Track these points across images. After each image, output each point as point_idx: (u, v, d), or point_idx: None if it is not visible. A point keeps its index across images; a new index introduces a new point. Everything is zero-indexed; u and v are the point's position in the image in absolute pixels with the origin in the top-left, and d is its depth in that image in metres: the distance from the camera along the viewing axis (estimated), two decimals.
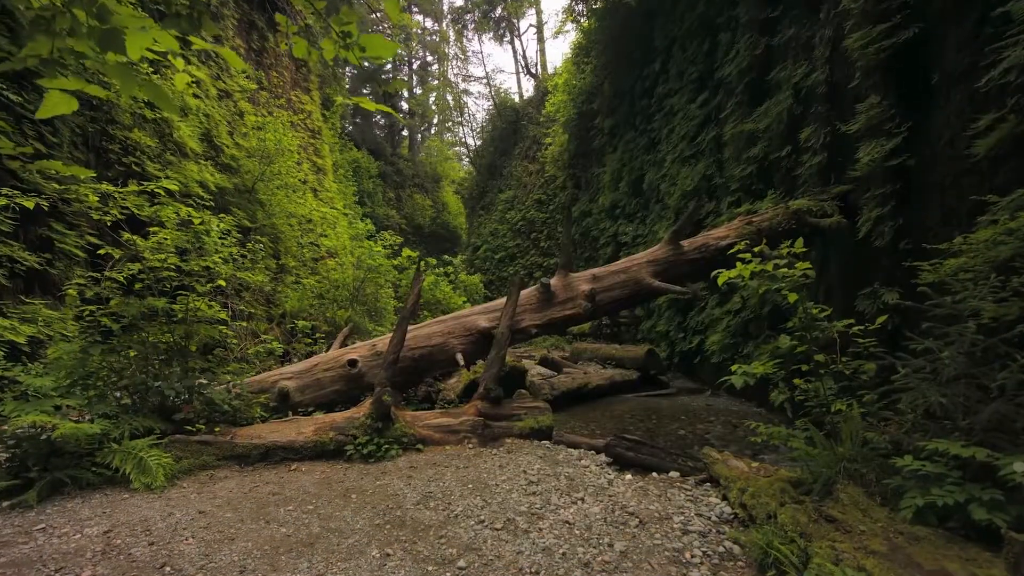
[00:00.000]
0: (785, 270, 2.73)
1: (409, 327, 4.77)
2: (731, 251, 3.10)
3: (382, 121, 40.39)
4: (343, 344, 5.40)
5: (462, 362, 4.45)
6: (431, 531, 2.59)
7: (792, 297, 2.74)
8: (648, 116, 13.15)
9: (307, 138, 17.32)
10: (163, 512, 2.85)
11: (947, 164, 4.54)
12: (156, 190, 4.23)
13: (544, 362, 9.71)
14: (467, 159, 41.75)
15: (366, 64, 42.06)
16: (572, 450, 3.98)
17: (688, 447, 4.96)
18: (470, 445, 3.97)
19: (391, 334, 4.34)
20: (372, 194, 33.85)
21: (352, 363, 4.48)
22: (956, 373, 2.16)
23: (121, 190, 4.30)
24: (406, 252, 9.51)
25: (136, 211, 4.35)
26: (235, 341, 7.08)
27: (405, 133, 43.39)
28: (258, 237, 9.27)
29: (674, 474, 3.48)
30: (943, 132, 4.60)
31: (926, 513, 1.97)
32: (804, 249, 3.32)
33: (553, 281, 4.95)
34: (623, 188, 14.27)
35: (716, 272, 2.95)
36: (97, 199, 4.27)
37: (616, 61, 14.74)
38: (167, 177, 8.30)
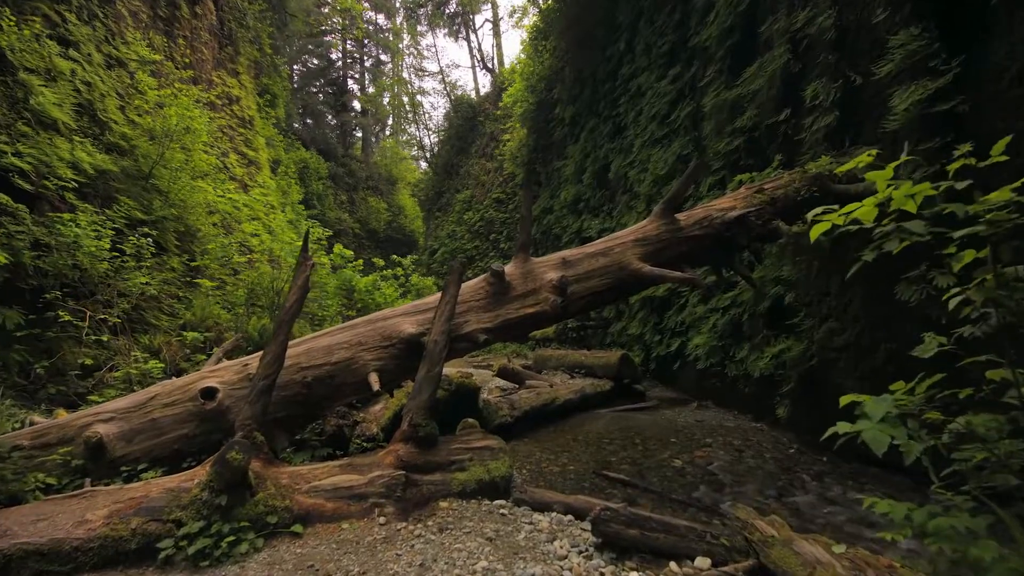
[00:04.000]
0: (997, 195, 1.43)
1: (302, 337, 3.32)
2: (849, 168, 1.75)
3: (334, 121, 38.39)
4: (221, 362, 3.85)
5: (376, 386, 3.01)
6: None
7: (968, 256, 1.51)
8: (613, 101, 12.12)
9: (235, 125, 15.35)
10: None
11: (1012, 108, 3.50)
12: None
13: (503, 373, 8.34)
14: (424, 161, 40.30)
15: (314, 62, 40.14)
16: (540, 517, 2.62)
17: (693, 488, 3.71)
18: (381, 519, 2.54)
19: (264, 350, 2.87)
20: (322, 196, 31.85)
21: (208, 393, 2.96)
22: None
23: None
24: (338, 249, 7.94)
25: None
26: (90, 361, 5.36)
27: (358, 133, 41.49)
28: (146, 230, 7.50)
29: (702, 562, 2.18)
30: (1005, 68, 3.57)
31: None
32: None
33: (509, 268, 3.59)
34: (587, 180, 13.20)
35: (815, 215, 1.67)
36: None
37: (577, 44, 13.68)
38: (16, 153, 6.47)
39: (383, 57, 40.83)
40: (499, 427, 5.29)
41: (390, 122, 43.67)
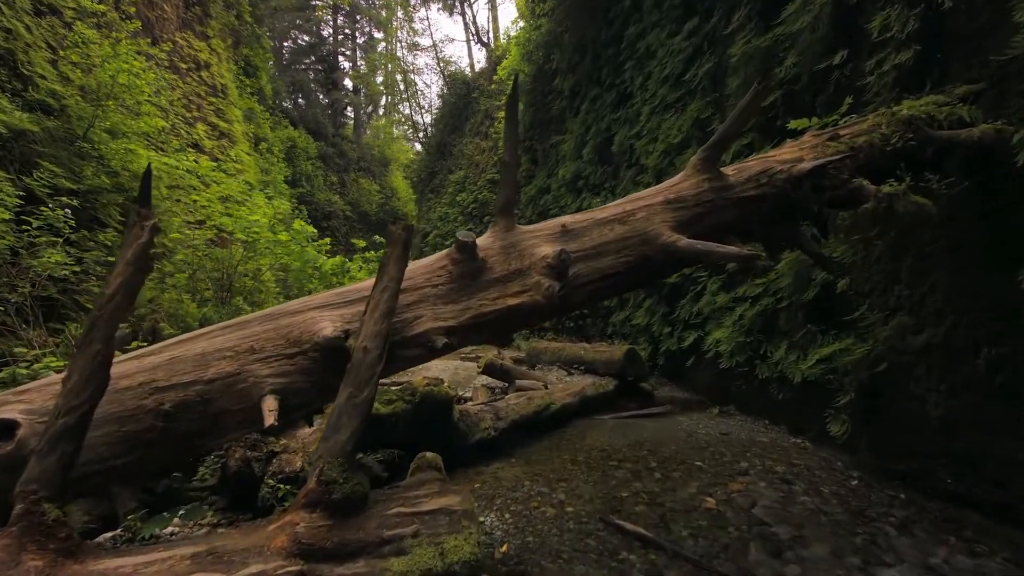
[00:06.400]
0: None
1: (164, 342, 2.23)
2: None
3: (324, 100, 36.97)
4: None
5: (271, 418, 1.94)
6: None
7: None
8: (617, 66, 10.92)
9: (204, 93, 14.03)
10: None
11: None
12: None
13: (490, 369, 7.29)
14: (418, 143, 38.93)
15: (304, 38, 38.57)
16: None
17: (740, 550, 2.67)
18: None
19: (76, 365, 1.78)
20: (311, 177, 30.58)
21: (3, 430, 1.90)
22: None
23: None
24: (298, 224, 6.80)
25: None
26: None
27: (350, 113, 40.08)
28: (66, 199, 6.32)
29: None
30: None
31: None
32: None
33: (483, 240, 2.48)
34: (587, 155, 12.04)
35: None
36: None
37: (578, 5, 12.42)
38: None
39: (376, 34, 39.19)
40: (480, 443, 4.27)
41: (383, 102, 42.19)
